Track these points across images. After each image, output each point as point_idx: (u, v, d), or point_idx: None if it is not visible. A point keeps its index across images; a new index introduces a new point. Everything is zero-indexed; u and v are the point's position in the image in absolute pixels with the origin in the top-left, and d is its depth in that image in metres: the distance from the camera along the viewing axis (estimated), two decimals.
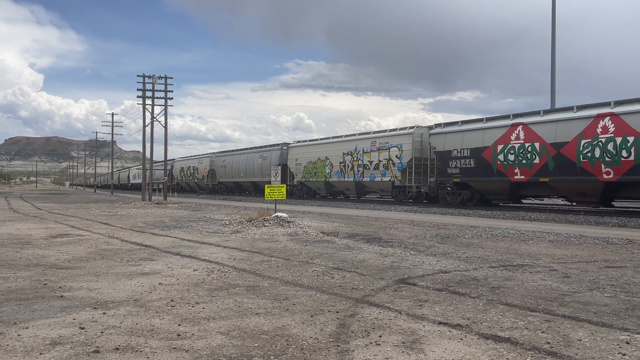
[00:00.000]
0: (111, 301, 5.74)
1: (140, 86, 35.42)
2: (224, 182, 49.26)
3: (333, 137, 34.63)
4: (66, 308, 5.41)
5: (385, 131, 29.93)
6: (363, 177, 30.28)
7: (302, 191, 37.82)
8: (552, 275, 7.37)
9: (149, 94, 35.65)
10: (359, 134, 32.02)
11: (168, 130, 36.26)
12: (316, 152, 35.19)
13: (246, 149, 47.00)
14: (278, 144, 40.62)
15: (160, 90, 35.79)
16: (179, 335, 4.47)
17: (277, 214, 15.68)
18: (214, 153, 52.43)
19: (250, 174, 43.12)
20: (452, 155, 24.03)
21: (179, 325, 4.78)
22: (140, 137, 37.86)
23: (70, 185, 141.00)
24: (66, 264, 8.37)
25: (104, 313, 5.20)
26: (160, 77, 35.64)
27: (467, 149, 23.37)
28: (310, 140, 37.75)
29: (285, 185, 17.83)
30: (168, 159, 55.73)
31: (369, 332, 4.52)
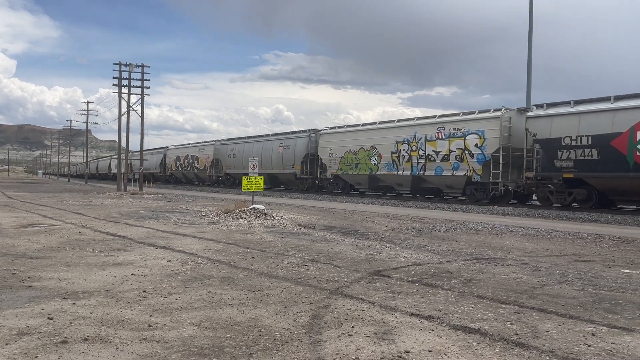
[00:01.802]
0: (81, 291, 5.65)
1: (117, 74, 34.80)
2: (231, 174, 42.98)
3: (382, 122, 29.23)
4: (35, 298, 5.31)
5: (457, 114, 24.49)
6: (425, 171, 25.07)
7: (335, 185, 32.25)
8: (523, 268, 7.51)
9: (125, 82, 35.04)
10: (420, 119, 26.71)
11: (144, 120, 35.74)
12: (359, 139, 29.48)
13: (262, 136, 40.35)
14: (305, 131, 34.91)
15: (136, 79, 35.22)
16: (150, 325, 4.42)
17: (254, 205, 15.62)
18: (218, 140, 46.50)
19: (267, 164, 36.56)
20: (563, 144, 19.02)
21: (151, 316, 4.73)
22: (116, 127, 37.20)
23: (44, 174, 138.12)
24: (36, 254, 8.21)
25: (73, 303, 5.12)
26: (137, 66, 35.04)
27: (587, 136, 18.40)
28: (349, 126, 31.97)
29: (262, 178, 17.66)
30: (160, 146, 53.73)
31: (341, 323, 4.54)
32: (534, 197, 22.61)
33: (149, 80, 35.71)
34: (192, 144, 52.83)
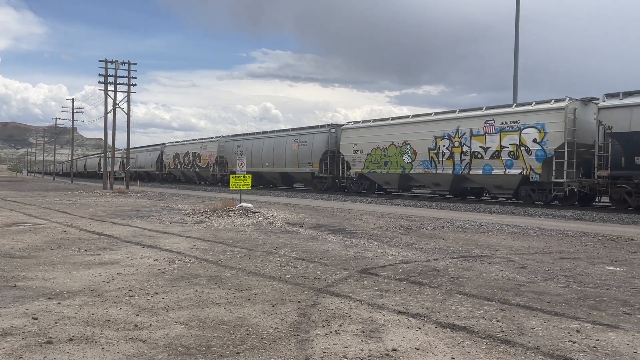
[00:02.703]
0: (67, 291, 5.59)
1: (102, 72, 34.46)
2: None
3: (417, 116, 26.53)
4: (19, 298, 5.24)
5: (510, 106, 22.29)
6: (470, 169, 22.58)
7: (360, 185, 29.22)
8: (509, 266, 7.57)
9: (111, 80, 34.71)
10: (463, 111, 23.75)
11: (131, 118, 35.43)
12: (389, 134, 26.51)
13: (274, 131, 37.62)
14: (324, 125, 32.01)
15: (123, 77, 34.90)
16: (136, 325, 4.39)
17: (242, 204, 15.57)
18: (223, 137, 43.12)
19: (280, 162, 34.46)
20: None
21: (137, 315, 4.69)
22: (102, 124, 36.80)
23: (29, 172, 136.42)
24: (21, 253, 8.10)
25: (58, 303, 5.06)
26: (123, 63, 34.73)
27: None
28: (377, 120, 28.84)
29: (250, 176, 17.52)
30: (156, 143, 52.63)
31: (329, 322, 4.54)
32: (598, 199, 20.56)
33: (135, 77, 35.33)
34: (193, 140, 49.78)
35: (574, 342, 4.08)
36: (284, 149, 34.13)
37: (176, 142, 53.47)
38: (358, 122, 29.89)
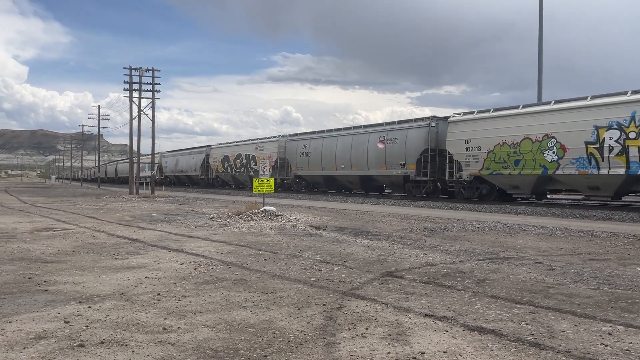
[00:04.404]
0: (97, 295, 5.70)
1: (127, 78, 35.07)
2: (305, 176, 35.75)
3: (562, 101, 20.53)
4: (51, 302, 5.36)
5: None
6: None
7: (474, 190, 23.59)
8: (537, 267, 7.45)
9: (135, 86, 35.31)
10: (635, 92, 18.03)
11: (155, 123, 35.97)
12: (520, 127, 21.26)
13: (350, 128, 32.67)
14: (422, 119, 26.82)
15: (147, 83, 35.48)
16: (165, 328, 4.45)
17: (265, 207, 15.66)
18: (284, 136, 38.56)
19: (360, 163, 29.74)
20: None
21: (165, 319, 4.76)
22: (126, 130, 37.44)
23: (57, 178, 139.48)
24: (51, 258, 8.29)
25: (89, 307, 5.16)
26: (147, 70, 35.31)
27: None
28: (498, 110, 22.90)
29: (273, 179, 17.53)
30: (202, 145, 50.49)
31: (355, 325, 4.54)
32: None
33: (159, 84, 35.85)
34: (246, 141, 44.98)
35: (606, 345, 3.99)
36: (366, 148, 29.26)
37: (225, 143, 48.92)
38: (471, 112, 24.12)
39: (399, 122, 28.44)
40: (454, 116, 24.78)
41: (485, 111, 23.42)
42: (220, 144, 49.45)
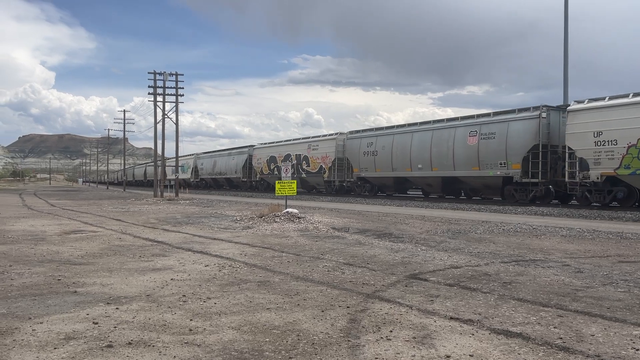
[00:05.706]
0: (124, 296, 5.80)
1: (151, 83, 35.63)
2: (370, 178, 31.67)
3: None
4: (80, 303, 5.47)
5: None
6: None
7: (602, 195, 19.54)
8: (564, 270, 7.31)
9: (159, 90, 35.86)
10: None
11: (179, 127, 36.43)
12: None
13: (428, 122, 28.12)
14: (527, 109, 22.45)
15: (171, 87, 35.99)
16: (191, 330, 4.50)
17: (287, 209, 15.71)
18: (342, 133, 34.61)
19: (443, 163, 25.83)
20: None
21: (191, 320, 4.81)
22: (150, 134, 38.00)
23: (84, 182, 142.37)
24: (79, 260, 8.46)
25: (116, 308, 5.25)
26: (170, 74, 35.81)
27: None
28: (638, 94, 18.35)
29: (295, 182, 17.58)
30: (244, 145, 49.03)
31: (379, 327, 4.52)
32: None
33: (182, 88, 36.31)
34: (296, 140, 40.80)
35: (637, 350, 3.90)
36: (451, 145, 25.21)
37: (269, 143, 45.04)
38: (600, 98, 19.62)
39: (496, 113, 24.22)
40: (576, 104, 20.44)
41: (623, 96, 18.87)
42: (265, 143, 45.89)
